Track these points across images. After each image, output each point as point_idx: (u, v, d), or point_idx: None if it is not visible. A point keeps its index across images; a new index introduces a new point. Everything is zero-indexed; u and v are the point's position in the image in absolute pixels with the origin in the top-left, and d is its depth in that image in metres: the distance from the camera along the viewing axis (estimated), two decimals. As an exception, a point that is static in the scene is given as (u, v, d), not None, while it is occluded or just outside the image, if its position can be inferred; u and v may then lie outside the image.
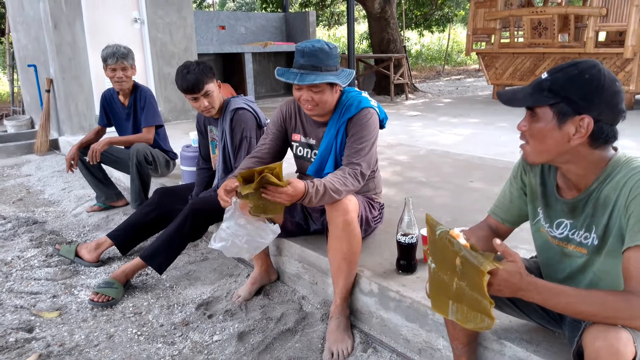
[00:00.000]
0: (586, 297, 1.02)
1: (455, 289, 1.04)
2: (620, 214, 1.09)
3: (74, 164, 3.05)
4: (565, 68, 1.09)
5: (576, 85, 1.06)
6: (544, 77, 1.11)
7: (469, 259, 1.00)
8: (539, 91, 1.10)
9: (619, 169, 1.11)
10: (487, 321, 0.99)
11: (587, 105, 1.06)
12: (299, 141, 2.06)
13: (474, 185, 3.01)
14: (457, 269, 1.02)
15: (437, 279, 1.10)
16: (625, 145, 3.85)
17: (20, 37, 5.78)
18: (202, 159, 2.69)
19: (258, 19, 8.49)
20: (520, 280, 1.03)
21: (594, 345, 0.99)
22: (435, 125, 5.41)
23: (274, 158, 2.05)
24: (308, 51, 1.77)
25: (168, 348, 1.85)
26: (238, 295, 2.15)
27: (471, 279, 1.00)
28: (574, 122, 1.08)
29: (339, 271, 1.82)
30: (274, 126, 2.06)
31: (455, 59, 17.31)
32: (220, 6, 23.07)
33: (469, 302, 1.02)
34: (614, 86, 1.06)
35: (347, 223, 1.75)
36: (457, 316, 1.06)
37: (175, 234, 2.23)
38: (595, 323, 1.02)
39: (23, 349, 1.84)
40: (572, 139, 1.09)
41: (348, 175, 1.78)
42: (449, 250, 1.04)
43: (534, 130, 1.12)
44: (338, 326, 1.81)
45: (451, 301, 1.07)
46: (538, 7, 7.44)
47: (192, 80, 2.25)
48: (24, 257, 2.63)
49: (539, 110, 1.10)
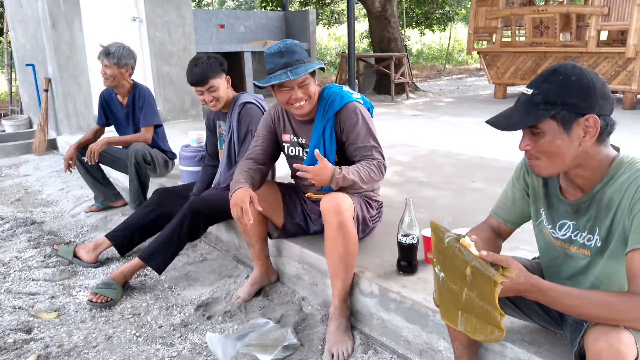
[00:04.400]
0: (590, 298, 1.01)
1: (465, 300, 1.03)
2: (624, 216, 1.09)
3: (72, 164, 3.03)
4: (548, 77, 1.09)
5: (569, 90, 1.06)
6: (530, 92, 1.10)
7: (480, 270, 0.98)
8: (533, 107, 1.09)
9: (622, 170, 1.11)
10: (497, 333, 0.98)
11: (587, 105, 1.06)
12: (290, 141, 2.07)
13: (476, 186, 3.00)
14: (467, 279, 1.01)
15: (446, 288, 1.08)
16: (628, 145, 3.81)
17: (19, 36, 5.77)
18: (208, 156, 2.68)
19: (258, 18, 8.47)
20: (523, 283, 1.02)
21: (595, 346, 0.99)
22: (436, 124, 5.40)
23: (269, 159, 2.08)
24: (285, 49, 1.82)
25: (167, 349, 1.83)
26: (237, 296, 2.13)
27: (482, 289, 0.99)
28: (579, 125, 1.08)
29: (336, 272, 1.81)
30: (264, 128, 2.09)
31: (456, 58, 17.29)
32: (219, 4, 23.04)
33: (479, 313, 1.00)
34: (598, 78, 1.08)
35: (341, 224, 1.75)
36: (467, 327, 1.04)
37: (173, 234, 2.22)
38: (597, 324, 1.02)
39: (21, 350, 1.83)
40: (583, 141, 1.09)
41: (375, 168, 1.82)
42: (459, 259, 1.02)
43: (543, 146, 1.10)
44: (338, 327, 1.80)
45: (460, 312, 1.05)
46: (540, 6, 7.42)
47: (198, 74, 2.29)
48: (22, 258, 2.62)
49: (541, 125, 1.08)
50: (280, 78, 1.78)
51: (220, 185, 2.41)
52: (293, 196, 2.13)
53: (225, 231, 2.68)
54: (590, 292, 1.03)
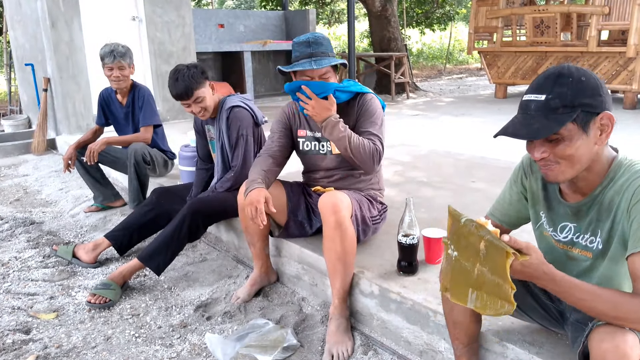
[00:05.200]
0: (600, 295, 1.01)
1: (477, 275, 1.05)
2: (623, 219, 1.09)
3: (71, 164, 3.03)
4: (557, 80, 1.06)
5: (584, 90, 1.06)
6: (543, 97, 1.07)
7: (493, 242, 1.01)
8: (552, 112, 1.06)
9: (621, 172, 1.11)
10: (507, 307, 1.00)
11: (599, 103, 1.07)
12: (305, 136, 2.09)
13: (476, 186, 2.99)
14: (481, 253, 1.03)
15: (459, 267, 1.10)
16: (629, 146, 3.82)
17: (18, 35, 5.76)
18: (200, 160, 2.67)
19: (257, 17, 8.46)
20: (535, 269, 1.02)
21: (600, 347, 0.99)
22: (436, 124, 5.39)
23: (284, 156, 2.10)
24: (313, 40, 1.89)
25: (166, 350, 1.83)
26: (237, 296, 2.12)
27: (494, 262, 1.01)
28: (595, 124, 1.07)
29: (335, 272, 1.81)
30: (279, 124, 2.11)
31: (456, 58, 17.27)
32: (219, 4, 23.04)
33: (490, 288, 1.03)
34: (595, 75, 1.09)
35: (338, 223, 1.75)
36: (477, 304, 1.06)
37: (173, 235, 2.21)
38: (602, 325, 1.02)
39: (20, 351, 1.82)
40: (599, 140, 1.09)
41: (368, 145, 1.86)
42: (475, 235, 1.05)
43: (565, 150, 1.07)
44: (338, 328, 1.80)
45: (471, 289, 1.07)
46: (540, 5, 7.41)
47: (182, 88, 2.24)
48: (21, 258, 2.61)
49: (562, 130, 1.06)
50: (304, 66, 1.86)
51: (217, 190, 2.40)
52: (297, 194, 2.13)
53: (225, 231, 2.68)
54: (601, 289, 1.03)
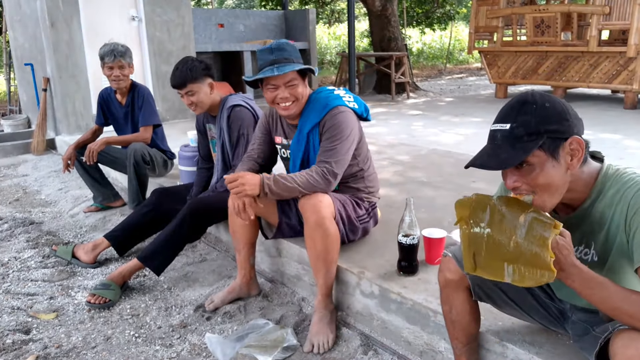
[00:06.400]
0: (627, 295, 1.00)
1: (513, 248, 1.05)
2: (620, 231, 1.08)
3: (70, 164, 3.03)
4: (521, 109, 1.06)
5: (548, 117, 1.05)
6: (508, 126, 1.06)
7: (537, 217, 1.02)
8: (517, 141, 1.05)
9: (609, 184, 1.10)
10: (548, 275, 1.00)
11: (567, 128, 1.06)
12: (281, 143, 2.09)
13: (476, 186, 2.99)
14: (520, 225, 1.04)
15: (491, 243, 1.10)
16: (630, 146, 3.83)
17: (17, 35, 5.76)
18: (201, 159, 2.67)
19: (257, 17, 8.45)
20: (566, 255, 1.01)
21: (625, 353, 0.98)
22: (436, 124, 5.38)
23: (266, 160, 2.11)
24: (275, 47, 1.84)
25: (166, 350, 1.83)
26: (211, 300, 2.09)
27: (535, 234, 1.02)
28: (564, 150, 1.07)
29: (317, 269, 1.85)
30: (259, 130, 2.12)
31: (457, 58, 17.25)
32: (219, 4, 23.01)
33: (527, 259, 1.03)
34: (561, 100, 1.09)
35: (318, 223, 1.77)
36: (514, 277, 1.06)
37: (173, 235, 2.21)
38: (625, 330, 1.01)
39: (20, 351, 1.82)
40: (571, 165, 1.08)
41: (314, 173, 1.81)
42: (515, 208, 1.06)
43: (537, 179, 1.06)
44: (321, 319, 1.84)
45: (506, 263, 1.06)
46: (541, 5, 7.40)
47: (177, 78, 2.30)
48: (21, 258, 2.61)
49: (531, 158, 1.05)
50: (266, 74, 1.82)
51: (218, 189, 2.40)
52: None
53: (224, 232, 2.67)
54: (627, 290, 1.02)
